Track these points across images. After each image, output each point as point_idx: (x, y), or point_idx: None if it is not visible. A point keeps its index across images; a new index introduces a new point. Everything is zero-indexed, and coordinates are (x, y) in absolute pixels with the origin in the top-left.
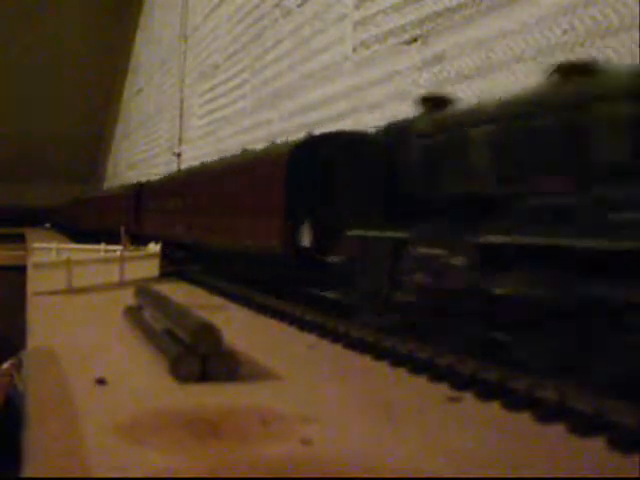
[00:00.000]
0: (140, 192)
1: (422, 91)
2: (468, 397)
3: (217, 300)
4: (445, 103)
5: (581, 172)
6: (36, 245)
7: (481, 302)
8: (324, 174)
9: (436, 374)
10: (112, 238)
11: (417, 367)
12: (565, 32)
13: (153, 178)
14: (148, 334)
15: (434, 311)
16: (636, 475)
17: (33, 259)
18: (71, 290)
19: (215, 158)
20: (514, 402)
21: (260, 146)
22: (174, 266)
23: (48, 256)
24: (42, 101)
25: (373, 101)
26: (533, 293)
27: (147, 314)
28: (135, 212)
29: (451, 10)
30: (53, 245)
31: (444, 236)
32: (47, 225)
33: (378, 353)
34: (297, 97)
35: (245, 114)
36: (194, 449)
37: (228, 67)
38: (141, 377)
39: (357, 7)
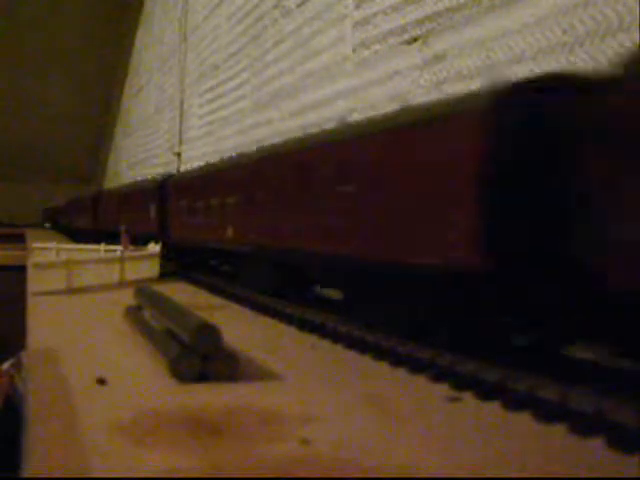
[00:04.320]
0: (165, 186)
1: (422, 91)
2: (468, 397)
3: (217, 300)
4: None
5: None
6: (36, 245)
7: None
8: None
9: (436, 374)
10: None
11: (417, 367)
12: (565, 32)
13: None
14: (148, 334)
15: None
16: (636, 475)
17: (33, 259)
18: (71, 290)
19: (216, 158)
20: (514, 402)
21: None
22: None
23: (48, 256)
24: (42, 101)
25: (373, 101)
26: None
27: (147, 314)
28: (160, 212)
29: (451, 10)
30: (53, 245)
31: None
32: (47, 225)
33: (378, 353)
34: (297, 97)
35: (245, 114)
36: (194, 449)
37: (228, 67)
38: (141, 377)
39: (357, 7)
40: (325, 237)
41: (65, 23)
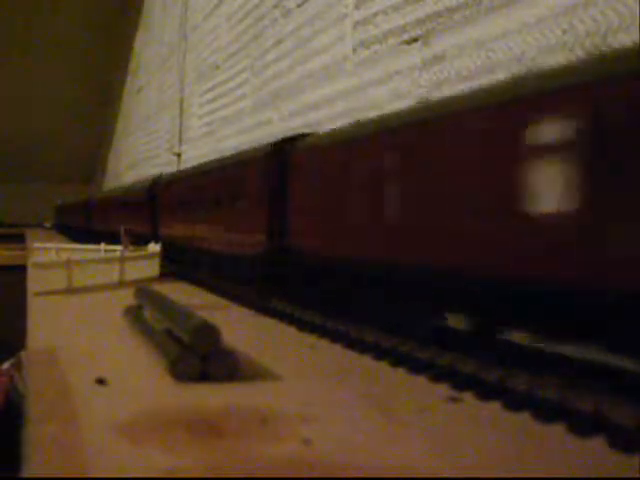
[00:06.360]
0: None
1: (422, 91)
2: (468, 397)
3: (217, 300)
4: None
5: None
6: (36, 245)
7: None
8: None
9: (436, 374)
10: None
11: (417, 367)
12: (565, 32)
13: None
14: (148, 334)
15: None
16: (636, 475)
17: (33, 259)
18: (71, 290)
19: (216, 157)
20: (514, 402)
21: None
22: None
23: (48, 256)
24: (42, 101)
25: (373, 101)
26: None
27: (147, 314)
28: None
29: (451, 10)
30: (53, 245)
31: None
32: (47, 225)
33: (378, 353)
34: (297, 97)
35: (245, 114)
36: (194, 449)
37: (228, 67)
38: (141, 377)
39: (357, 7)
40: None
41: (64, 23)
